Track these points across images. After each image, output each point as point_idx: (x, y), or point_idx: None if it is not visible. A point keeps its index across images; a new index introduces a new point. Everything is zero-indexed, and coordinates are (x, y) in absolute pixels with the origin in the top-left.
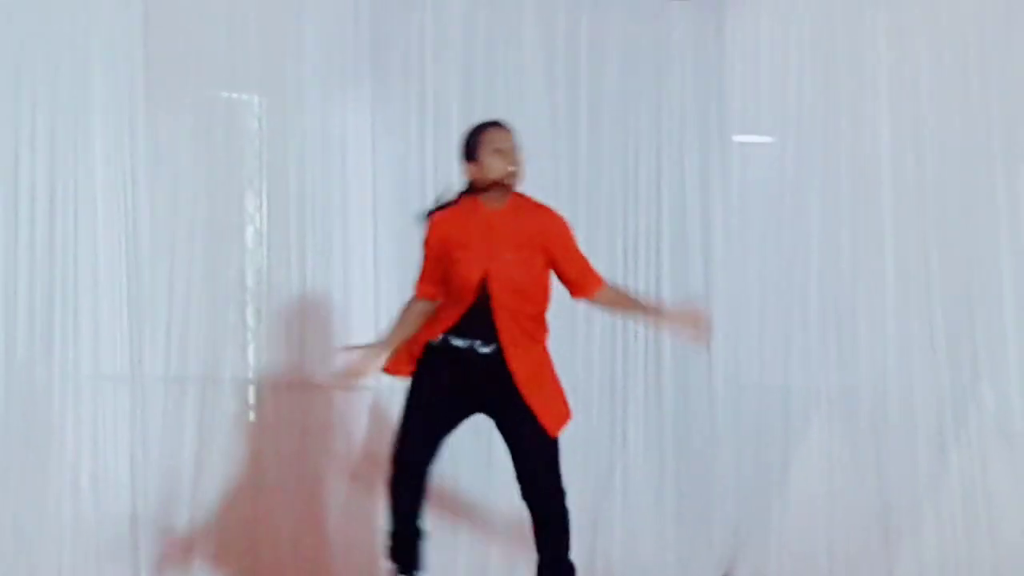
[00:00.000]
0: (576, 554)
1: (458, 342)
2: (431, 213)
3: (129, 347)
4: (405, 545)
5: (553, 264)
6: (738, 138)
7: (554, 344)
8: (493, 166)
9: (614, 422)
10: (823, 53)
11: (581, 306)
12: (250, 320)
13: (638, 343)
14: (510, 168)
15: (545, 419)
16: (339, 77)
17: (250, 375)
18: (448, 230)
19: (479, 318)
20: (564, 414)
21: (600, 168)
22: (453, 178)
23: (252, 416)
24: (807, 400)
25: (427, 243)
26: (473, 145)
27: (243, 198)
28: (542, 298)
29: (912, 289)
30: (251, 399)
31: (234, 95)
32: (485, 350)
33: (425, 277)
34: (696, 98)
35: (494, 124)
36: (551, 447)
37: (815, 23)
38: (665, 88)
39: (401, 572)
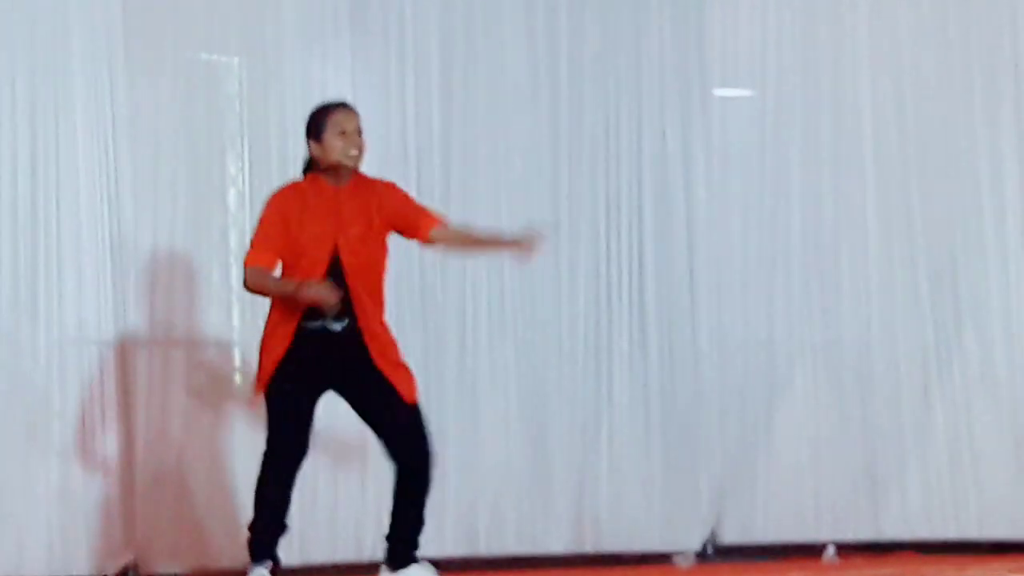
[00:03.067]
0: (563, 511)
1: (312, 324)
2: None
3: (113, 310)
4: (270, 538)
5: (392, 223)
6: (719, 92)
7: (537, 302)
8: (336, 147)
9: (599, 379)
10: (803, 5)
11: (565, 264)
12: (234, 282)
13: (622, 301)
14: (352, 152)
15: (403, 388)
16: (318, 35)
17: (235, 337)
18: (289, 205)
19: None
20: (414, 379)
21: (581, 123)
22: (433, 130)
23: (238, 378)
24: (791, 354)
25: (266, 216)
26: (318, 125)
27: (225, 160)
28: (383, 272)
29: (895, 241)
30: (236, 361)
31: (213, 57)
32: (337, 327)
33: (266, 246)
34: (676, 52)
35: (341, 106)
36: (418, 412)
37: None
38: (645, 42)
39: (258, 562)
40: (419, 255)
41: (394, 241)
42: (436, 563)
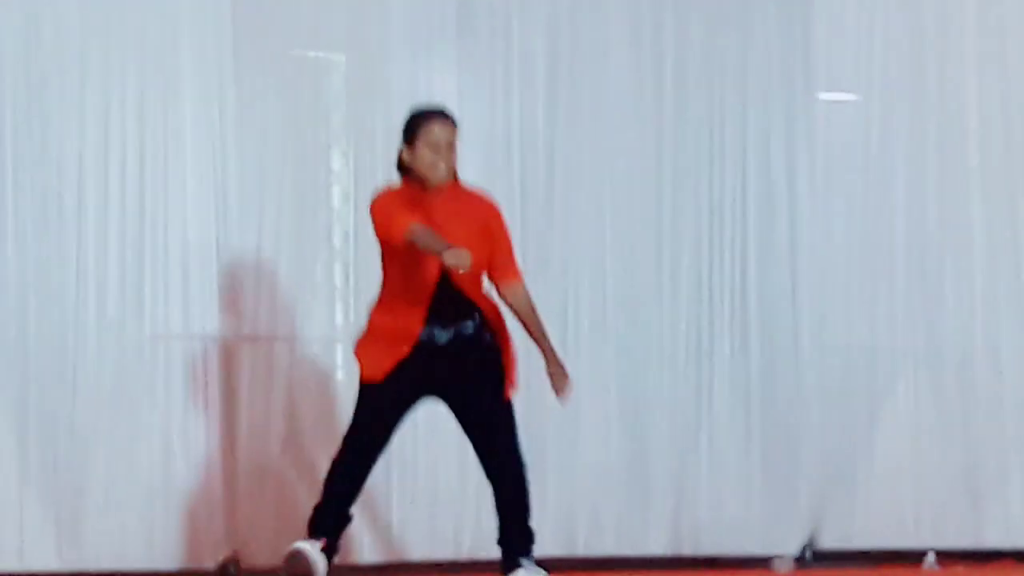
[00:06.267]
0: (662, 514)
1: (442, 335)
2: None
3: (218, 306)
4: (333, 525)
5: (486, 249)
6: (824, 96)
7: (639, 306)
8: (424, 159)
9: (700, 383)
10: (910, 10)
11: (667, 267)
12: (337, 279)
13: (724, 305)
14: (440, 168)
15: (510, 387)
16: (425, 35)
17: (337, 334)
18: (402, 202)
19: (447, 301)
20: (514, 378)
21: (685, 128)
22: (538, 134)
23: (341, 375)
24: (893, 360)
25: (386, 203)
26: (413, 131)
27: (329, 157)
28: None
29: (999, 247)
30: (339, 358)
31: (320, 54)
32: (444, 337)
33: (404, 213)
34: (781, 55)
35: (438, 115)
36: (510, 417)
37: None
38: (750, 46)
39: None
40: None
41: None
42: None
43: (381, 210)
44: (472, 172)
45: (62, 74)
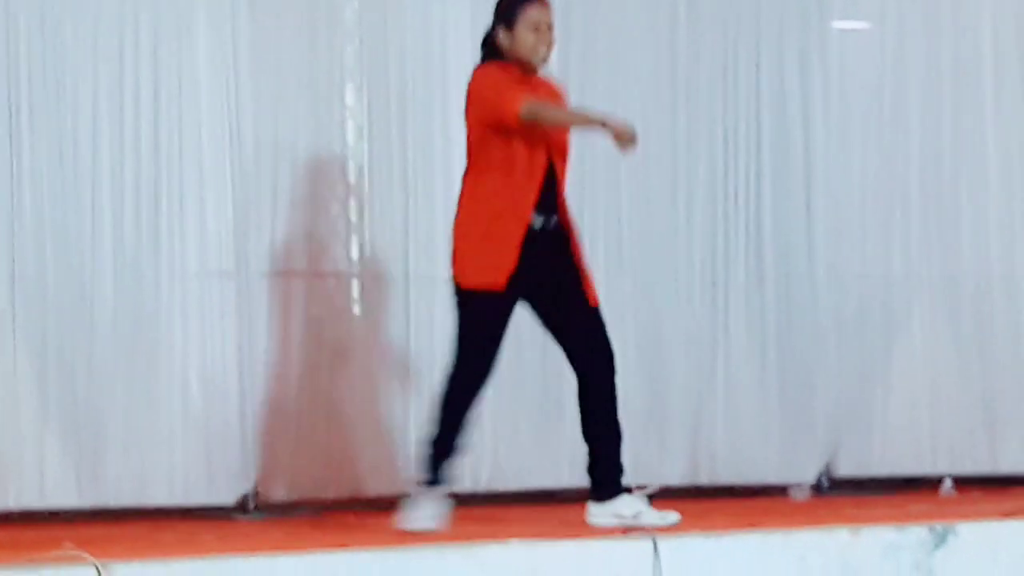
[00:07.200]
0: (679, 447)
1: (544, 224)
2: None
3: (234, 243)
4: (448, 458)
5: None
6: (838, 24)
7: (654, 238)
8: (527, 42)
9: (715, 314)
10: None
11: (682, 199)
12: (352, 215)
13: (739, 235)
14: (542, 50)
15: (591, 291)
16: None
17: (354, 269)
18: (510, 78)
19: (546, 190)
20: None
21: (699, 58)
22: (551, 64)
23: (357, 309)
24: (909, 289)
25: (496, 79)
26: (512, 13)
27: (344, 92)
28: None
29: (1015, 175)
30: (355, 293)
31: None
32: (552, 225)
33: (518, 91)
34: None
35: None
36: (600, 316)
37: None
38: None
39: (432, 484)
40: None
41: None
42: (551, 493)
43: (492, 87)
44: None
45: (76, 14)
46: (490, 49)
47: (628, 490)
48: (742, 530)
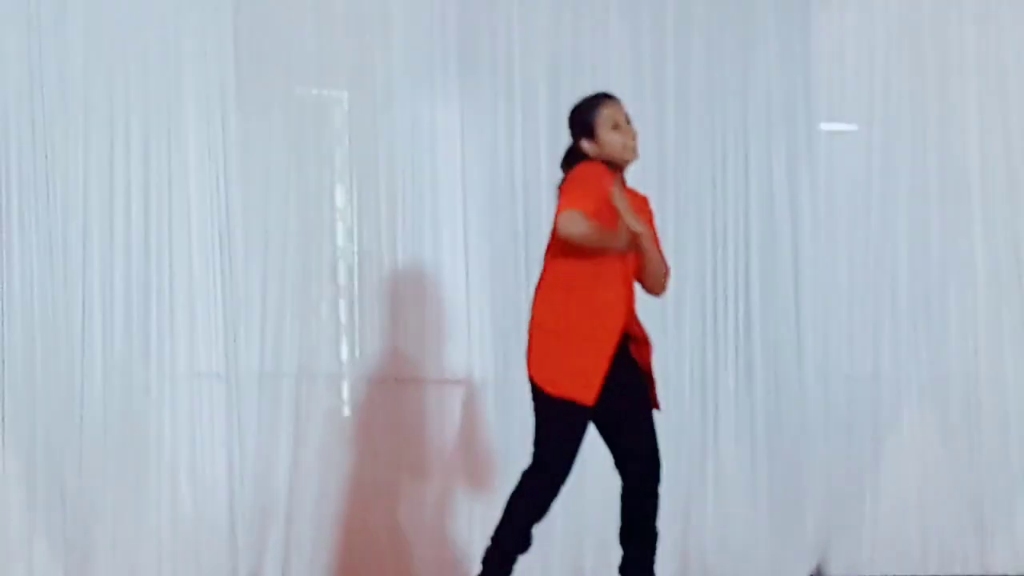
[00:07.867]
0: (667, 544)
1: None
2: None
3: (224, 344)
4: (512, 561)
5: None
6: (825, 126)
7: None
8: (615, 143)
9: (705, 412)
10: (910, 40)
11: (671, 298)
12: (343, 316)
13: (728, 333)
14: (631, 144)
15: (654, 395)
16: (427, 70)
17: (344, 370)
18: (605, 184)
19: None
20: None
21: (687, 158)
22: (541, 167)
23: (347, 411)
24: (898, 390)
25: (586, 178)
26: (589, 122)
27: (333, 194)
28: None
29: (1002, 276)
30: (345, 394)
31: (323, 92)
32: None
33: (589, 199)
34: (783, 86)
35: (605, 97)
36: (653, 423)
37: (902, 9)
38: (751, 76)
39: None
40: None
41: None
42: None
43: (578, 181)
44: (476, 208)
45: (66, 116)
46: (575, 163)
47: None
48: None
